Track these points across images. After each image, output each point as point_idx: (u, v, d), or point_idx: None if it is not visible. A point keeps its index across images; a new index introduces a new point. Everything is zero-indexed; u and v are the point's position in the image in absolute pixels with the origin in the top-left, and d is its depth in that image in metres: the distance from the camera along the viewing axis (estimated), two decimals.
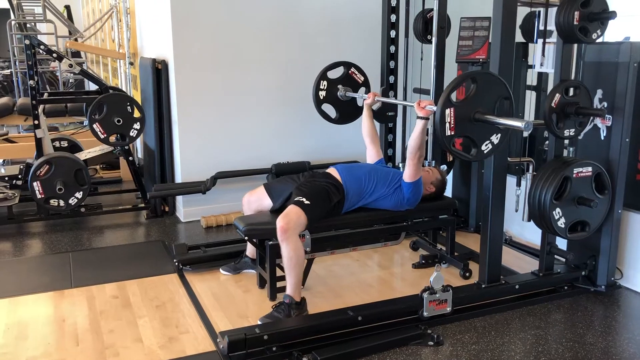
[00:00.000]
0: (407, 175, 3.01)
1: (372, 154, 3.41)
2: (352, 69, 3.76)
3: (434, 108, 2.52)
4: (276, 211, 3.05)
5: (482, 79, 2.52)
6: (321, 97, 3.70)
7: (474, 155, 2.57)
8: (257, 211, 3.19)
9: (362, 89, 3.79)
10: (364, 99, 3.54)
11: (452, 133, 2.46)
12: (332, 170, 3.13)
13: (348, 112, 3.78)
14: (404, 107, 4.11)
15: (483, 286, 2.99)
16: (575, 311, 2.97)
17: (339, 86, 3.73)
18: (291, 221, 2.77)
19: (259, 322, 2.72)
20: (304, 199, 2.88)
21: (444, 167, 3.61)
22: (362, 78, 3.78)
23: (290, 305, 2.76)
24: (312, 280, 3.20)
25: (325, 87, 3.69)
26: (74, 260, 3.66)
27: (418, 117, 2.89)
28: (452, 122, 2.44)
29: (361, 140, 3.51)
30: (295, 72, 4.63)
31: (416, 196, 3.07)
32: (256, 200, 3.20)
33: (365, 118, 3.50)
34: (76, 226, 4.39)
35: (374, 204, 3.08)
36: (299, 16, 4.60)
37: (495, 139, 2.55)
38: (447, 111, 2.43)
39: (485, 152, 2.56)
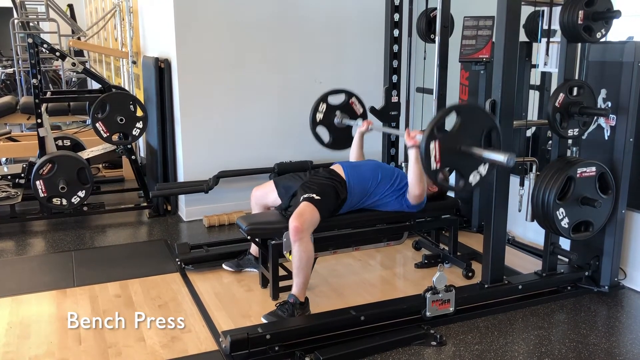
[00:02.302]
0: (412, 198, 3.00)
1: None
2: (353, 99, 3.71)
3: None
4: (282, 210, 3.05)
5: (466, 112, 2.49)
6: (317, 120, 3.66)
7: (462, 187, 2.52)
8: (263, 206, 3.21)
9: (359, 120, 3.76)
10: (359, 126, 3.51)
11: (438, 166, 2.42)
12: (336, 167, 3.13)
13: (341, 139, 3.72)
14: (407, 106, 4.10)
15: (486, 286, 2.98)
16: (578, 312, 2.96)
17: (337, 112, 3.68)
18: (306, 221, 2.76)
19: (263, 320, 2.72)
20: (314, 195, 2.87)
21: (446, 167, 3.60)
22: (361, 110, 3.72)
23: (294, 305, 2.76)
24: (314, 280, 3.19)
25: (323, 111, 3.66)
26: (76, 259, 3.66)
27: (409, 147, 2.88)
28: (438, 155, 2.40)
29: (364, 141, 3.51)
30: (298, 71, 4.62)
31: (420, 207, 3.09)
32: (263, 195, 3.20)
33: (355, 146, 3.45)
34: (79, 225, 4.39)
35: (376, 205, 3.07)
36: (302, 15, 4.59)
37: (482, 169, 2.50)
38: (432, 144, 2.38)
39: (472, 183, 2.51)
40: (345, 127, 3.68)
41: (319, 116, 3.64)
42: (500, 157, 2.33)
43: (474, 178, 2.50)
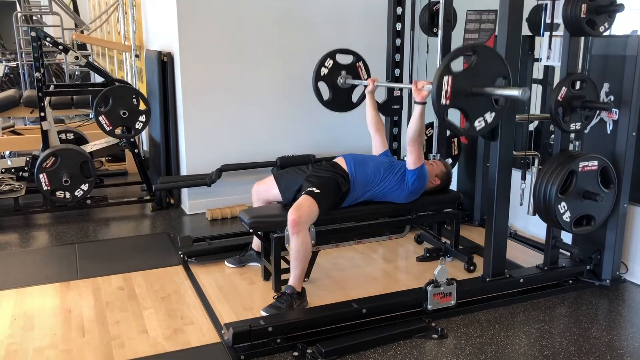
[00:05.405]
0: (410, 162, 2.99)
1: (377, 144, 3.38)
2: (360, 63, 3.72)
3: (431, 87, 2.49)
4: (287, 205, 3.05)
5: (483, 52, 2.47)
6: (321, 74, 3.64)
7: (466, 130, 2.53)
8: (265, 201, 3.21)
9: (364, 81, 3.77)
10: (365, 86, 3.51)
11: (447, 102, 2.41)
12: (339, 160, 3.13)
13: (341, 100, 3.72)
14: (409, 101, 4.10)
15: (487, 280, 2.99)
16: (579, 305, 2.97)
17: (342, 72, 3.68)
18: (304, 214, 2.76)
19: (262, 312, 2.74)
20: (313, 188, 2.88)
21: (449, 160, 3.60)
22: (366, 76, 3.74)
23: (292, 296, 2.78)
24: (316, 273, 3.21)
25: (329, 66, 3.64)
26: (80, 252, 3.68)
27: (415, 102, 2.86)
28: (449, 91, 2.39)
29: (366, 134, 3.49)
30: (300, 64, 4.62)
31: (421, 183, 3.06)
32: (264, 190, 3.20)
33: (368, 107, 3.45)
34: (82, 218, 4.41)
35: (380, 196, 3.07)
36: (304, 9, 4.59)
37: (489, 117, 2.51)
38: (445, 79, 2.38)
39: (477, 128, 2.51)
40: (347, 88, 3.67)
41: (324, 71, 3.64)
42: (514, 92, 2.32)
43: (479, 124, 2.50)
